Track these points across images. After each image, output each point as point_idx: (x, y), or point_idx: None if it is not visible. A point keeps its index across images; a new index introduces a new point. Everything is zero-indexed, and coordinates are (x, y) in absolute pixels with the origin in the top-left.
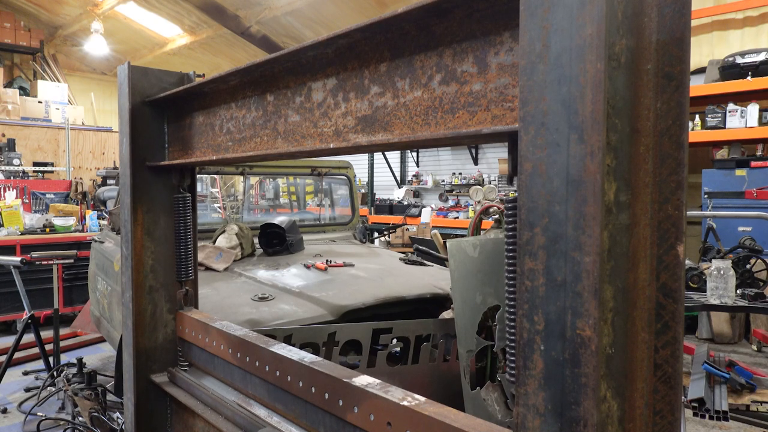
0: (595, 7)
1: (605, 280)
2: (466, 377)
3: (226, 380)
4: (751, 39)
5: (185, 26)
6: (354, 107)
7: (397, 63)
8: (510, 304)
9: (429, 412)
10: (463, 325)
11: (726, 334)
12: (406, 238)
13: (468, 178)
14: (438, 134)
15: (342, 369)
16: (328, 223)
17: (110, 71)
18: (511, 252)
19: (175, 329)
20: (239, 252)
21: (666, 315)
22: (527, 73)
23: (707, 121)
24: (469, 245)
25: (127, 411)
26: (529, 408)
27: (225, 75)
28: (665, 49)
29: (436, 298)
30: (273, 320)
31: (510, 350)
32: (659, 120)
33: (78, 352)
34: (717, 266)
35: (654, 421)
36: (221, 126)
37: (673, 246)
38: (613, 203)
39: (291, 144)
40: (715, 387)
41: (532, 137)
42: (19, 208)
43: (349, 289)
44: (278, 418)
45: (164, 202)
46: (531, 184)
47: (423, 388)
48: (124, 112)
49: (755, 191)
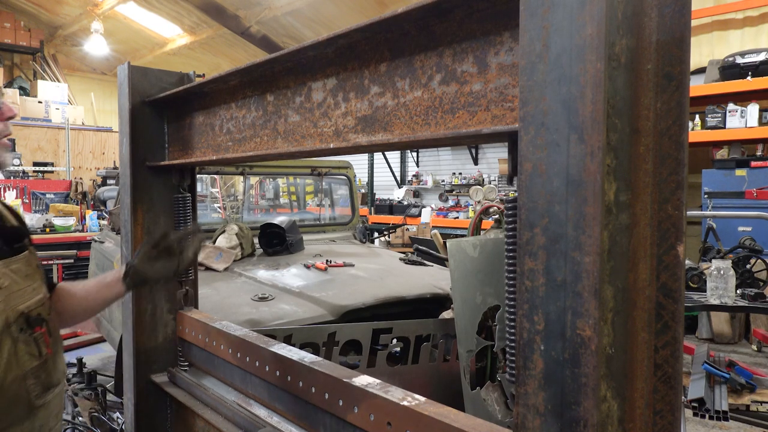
0: (595, 7)
1: (605, 280)
2: (466, 377)
3: (226, 380)
4: (751, 39)
5: (185, 26)
6: (354, 107)
7: (397, 63)
8: (510, 304)
9: (429, 412)
10: (463, 325)
11: (726, 334)
12: (406, 238)
13: (468, 178)
14: (438, 134)
15: (342, 369)
16: (328, 223)
17: (110, 71)
18: (511, 252)
19: (175, 329)
20: (239, 252)
21: (666, 315)
22: (527, 73)
23: (707, 121)
24: (469, 245)
25: (127, 411)
26: (529, 408)
27: (225, 75)
28: (665, 49)
29: (436, 298)
30: (273, 320)
31: (510, 350)
32: (659, 120)
33: (78, 352)
34: (717, 266)
35: (654, 421)
36: (221, 126)
37: (673, 246)
38: (613, 203)
39: (291, 144)
40: (715, 387)
41: (532, 137)
42: (19, 208)
43: (349, 289)
44: (278, 418)
45: (164, 202)
46: (531, 184)
47: (423, 388)
48: (124, 112)
49: (755, 191)
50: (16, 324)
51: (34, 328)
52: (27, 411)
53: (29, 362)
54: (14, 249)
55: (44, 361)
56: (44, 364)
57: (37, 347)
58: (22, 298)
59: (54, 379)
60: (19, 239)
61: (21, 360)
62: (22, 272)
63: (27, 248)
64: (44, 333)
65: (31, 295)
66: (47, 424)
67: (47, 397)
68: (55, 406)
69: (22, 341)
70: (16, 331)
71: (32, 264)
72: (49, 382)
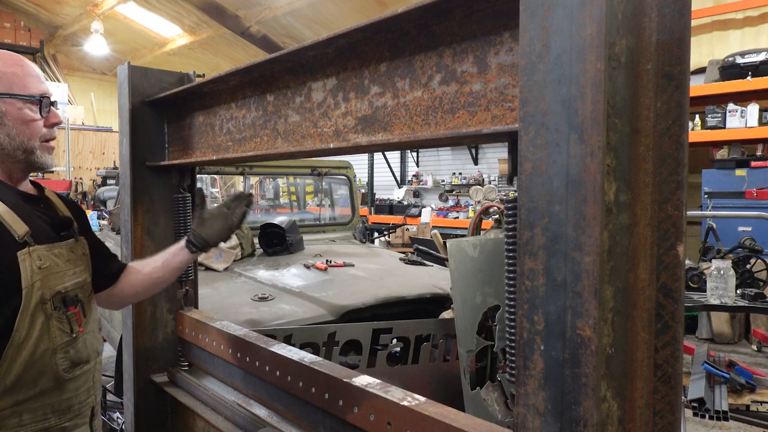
0: (595, 7)
1: (605, 280)
2: (466, 377)
3: (226, 380)
4: (751, 39)
5: (185, 26)
6: (354, 107)
7: (397, 63)
8: (510, 304)
9: (429, 412)
10: (463, 325)
11: (726, 334)
12: (406, 238)
13: (468, 178)
14: (438, 134)
15: (342, 369)
16: (328, 223)
17: (110, 71)
18: (511, 252)
19: (175, 329)
20: (239, 252)
21: (666, 315)
22: (527, 73)
23: (707, 121)
24: (469, 245)
25: (127, 411)
26: (529, 408)
27: (225, 75)
28: (665, 49)
29: (436, 298)
30: (273, 320)
31: (510, 350)
32: (659, 120)
33: None
34: (717, 266)
35: (654, 421)
36: (221, 126)
37: (673, 246)
38: (613, 203)
39: (291, 144)
40: (715, 387)
41: (532, 137)
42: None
43: (349, 289)
44: (278, 418)
45: (164, 202)
46: (531, 184)
47: (423, 388)
48: (124, 112)
49: (755, 191)
50: (51, 302)
51: (68, 307)
52: (55, 383)
53: (60, 338)
54: (61, 236)
55: (74, 338)
56: (74, 341)
57: (69, 325)
58: (61, 279)
59: (83, 355)
60: (65, 228)
61: (53, 335)
62: (65, 257)
63: (74, 236)
64: (77, 312)
65: (71, 278)
66: (77, 398)
67: (75, 372)
68: (85, 382)
69: (56, 318)
70: (50, 308)
71: (77, 251)
72: (78, 358)
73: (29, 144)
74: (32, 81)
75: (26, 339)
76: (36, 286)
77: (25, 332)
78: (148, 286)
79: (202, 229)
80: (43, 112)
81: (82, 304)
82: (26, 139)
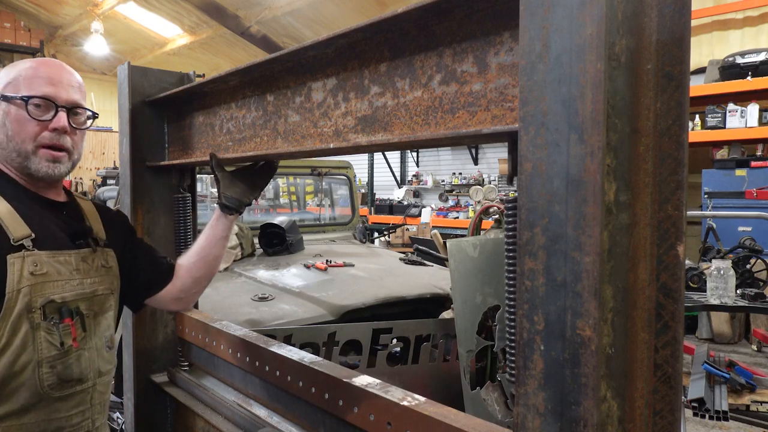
0: (595, 7)
1: (605, 280)
2: (466, 377)
3: (226, 380)
4: (751, 39)
5: (185, 26)
6: (354, 107)
7: (397, 63)
8: (510, 304)
9: (429, 412)
10: (463, 325)
11: (726, 334)
12: (406, 238)
13: (468, 178)
14: (438, 134)
15: (342, 369)
16: (328, 223)
17: (110, 71)
18: (511, 252)
19: (175, 329)
20: (239, 252)
21: (666, 315)
22: (527, 73)
23: (707, 121)
24: (469, 245)
25: (127, 411)
26: (529, 408)
27: (225, 75)
28: (665, 49)
29: (436, 298)
30: (273, 320)
31: (510, 350)
32: (659, 120)
33: None
34: (717, 266)
35: (654, 421)
36: (221, 126)
37: (673, 246)
38: (613, 203)
39: (291, 144)
40: (715, 387)
41: (532, 137)
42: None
43: (349, 289)
44: (278, 418)
45: (164, 202)
46: (531, 184)
47: (423, 388)
48: (124, 112)
49: (755, 191)
50: (42, 310)
51: (63, 318)
52: (37, 399)
53: (48, 350)
54: (75, 244)
55: (65, 353)
56: (64, 355)
57: (60, 338)
58: (60, 288)
59: (75, 373)
60: (82, 236)
61: (38, 346)
62: (72, 265)
63: (90, 246)
64: (72, 325)
65: (75, 288)
66: (67, 420)
67: (65, 390)
68: (79, 403)
69: (44, 329)
70: (39, 317)
71: (93, 262)
72: (67, 375)
73: (22, 147)
74: (37, 82)
75: (5, 348)
76: (23, 292)
77: (5, 340)
78: (202, 267)
79: (231, 189)
80: (41, 115)
81: (83, 317)
82: (19, 141)
